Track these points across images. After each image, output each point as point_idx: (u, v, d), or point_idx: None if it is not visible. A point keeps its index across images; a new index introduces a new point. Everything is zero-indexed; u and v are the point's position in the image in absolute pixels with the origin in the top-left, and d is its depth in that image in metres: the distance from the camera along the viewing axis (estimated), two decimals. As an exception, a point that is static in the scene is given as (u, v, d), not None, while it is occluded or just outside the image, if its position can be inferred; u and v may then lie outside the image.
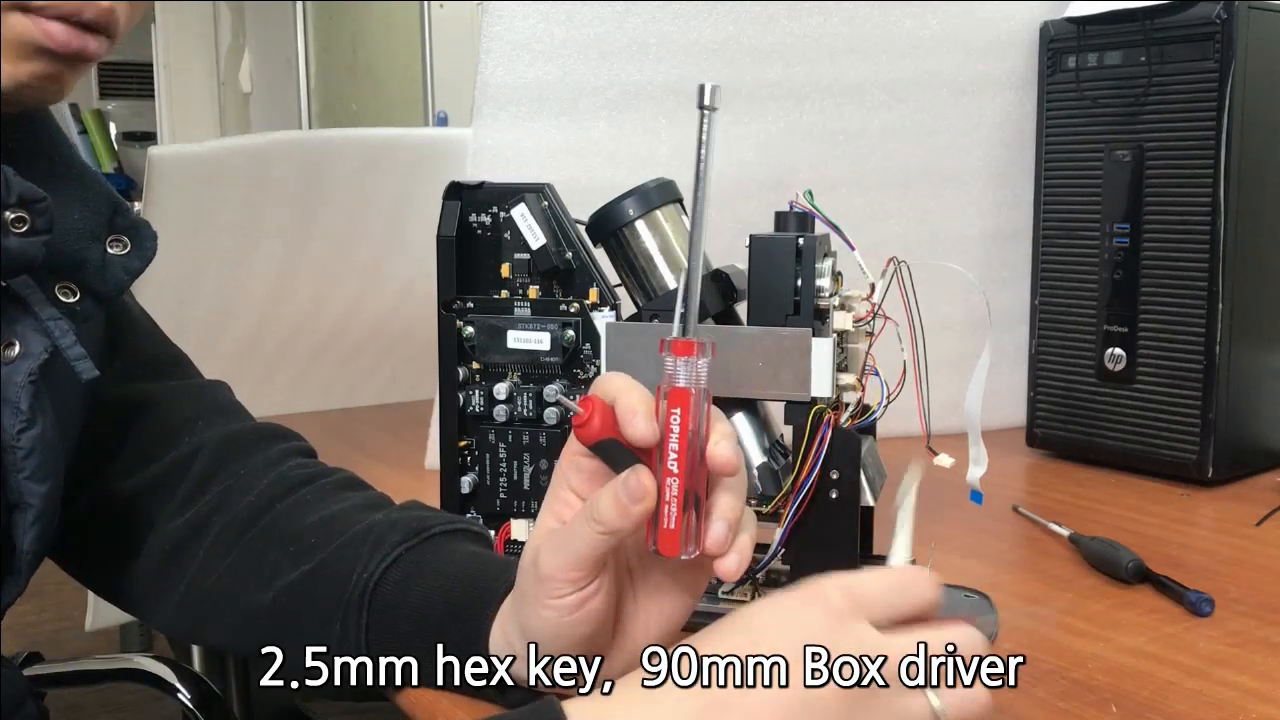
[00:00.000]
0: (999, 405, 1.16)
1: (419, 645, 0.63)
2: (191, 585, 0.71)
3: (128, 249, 0.68)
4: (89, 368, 0.63)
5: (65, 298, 0.64)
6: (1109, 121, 1.09)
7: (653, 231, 0.77)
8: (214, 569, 0.70)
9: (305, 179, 1.17)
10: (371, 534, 0.67)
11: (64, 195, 0.65)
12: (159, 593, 0.73)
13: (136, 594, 0.74)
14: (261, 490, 0.72)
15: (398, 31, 3.46)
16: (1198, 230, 1.03)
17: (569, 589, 0.55)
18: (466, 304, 0.79)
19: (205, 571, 0.70)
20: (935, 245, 1.19)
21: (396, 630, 0.64)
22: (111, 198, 0.68)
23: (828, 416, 0.70)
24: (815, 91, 1.16)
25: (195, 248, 1.17)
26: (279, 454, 0.76)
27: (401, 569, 0.65)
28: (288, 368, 1.35)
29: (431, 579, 0.64)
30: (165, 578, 0.72)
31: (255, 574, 0.69)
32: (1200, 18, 1.01)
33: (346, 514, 0.70)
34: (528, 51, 1.07)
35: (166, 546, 0.72)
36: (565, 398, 0.69)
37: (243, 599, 0.69)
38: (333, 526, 0.69)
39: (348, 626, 0.64)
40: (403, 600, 0.64)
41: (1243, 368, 1.05)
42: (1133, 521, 0.95)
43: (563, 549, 0.55)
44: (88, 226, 0.66)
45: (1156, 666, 0.67)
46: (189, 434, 0.75)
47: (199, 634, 0.76)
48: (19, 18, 0.56)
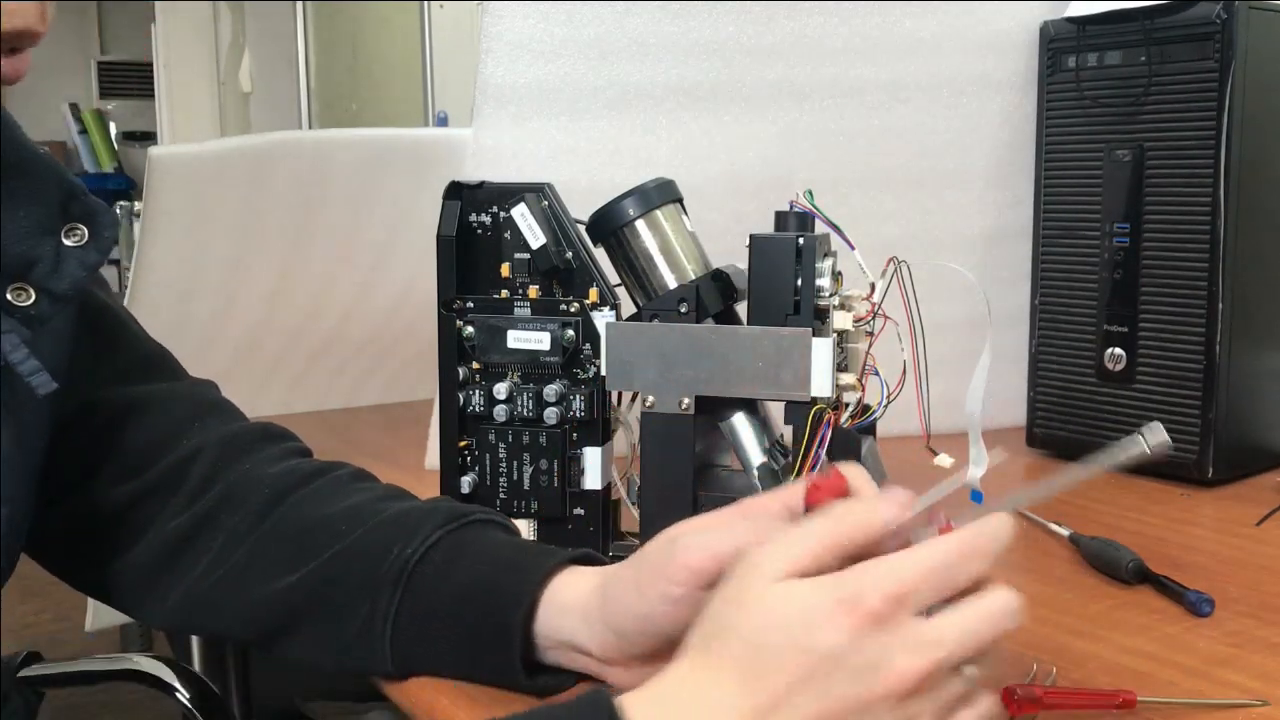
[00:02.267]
0: (999, 405, 1.16)
1: (454, 628, 0.63)
2: (198, 580, 0.70)
3: (85, 239, 0.64)
4: (45, 381, 0.60)
5: (19, 300, 0.61)
6: (1109, 121, 1.09)
7: (653, 231, 0.77)
8: (225, 562, 0.69)
9: (305, 179, 1.17)
10: (409, 518, 0.67)
11: (7, 192, 0.62)
12: (157, 589, 0.71)
13: (131, 591, 0.73)
14: (272, 484, 0.71)
15: (398, 31, 3.46)
16: (1198, 230, 1.03)
17: (690, 580, 0.55)
18: (466, 304, 0.79)
19: (215, 565, 0.69)
20: (935, 245, 1.19)
21: (435, 611, 0.63)
22: (63, 183, 0.65)
23: (828, 416, 0.70)
24: (815, 91, 1.16)
25: (195, 248, 1.17)
26: (281, 452, 0.75)
27: (443, 551, 0.65)
28: (288, 368, 1.35)
29: (475, 561, 0.64)
30: (166, 574, 0.71)
31: (275, 562, 0.68)
32: (1200, 18, 1.01)
33: (372, 503, 0.69)
34: (528, 51, 1.07)
35: (168, 544, 0.71)
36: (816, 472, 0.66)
37: (259, 587, 0.68)
38: (361, 512, 0.68)
39: (378, 603, 0.64)
40: (445, 580, 0.64)
41: (1243, 368, 1.05)
42: (1133, 521, 0.95)
43: (711, 540, 0.56)
44: (37, 221, 0.63)
45: (1156, 666, 0.67)
46: (187, 435, 0.74)
47: (202, 625, 0.75)
48: None
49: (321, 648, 0.66)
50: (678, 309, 0.74)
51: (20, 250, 0.62)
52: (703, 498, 0.75)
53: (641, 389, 0.74)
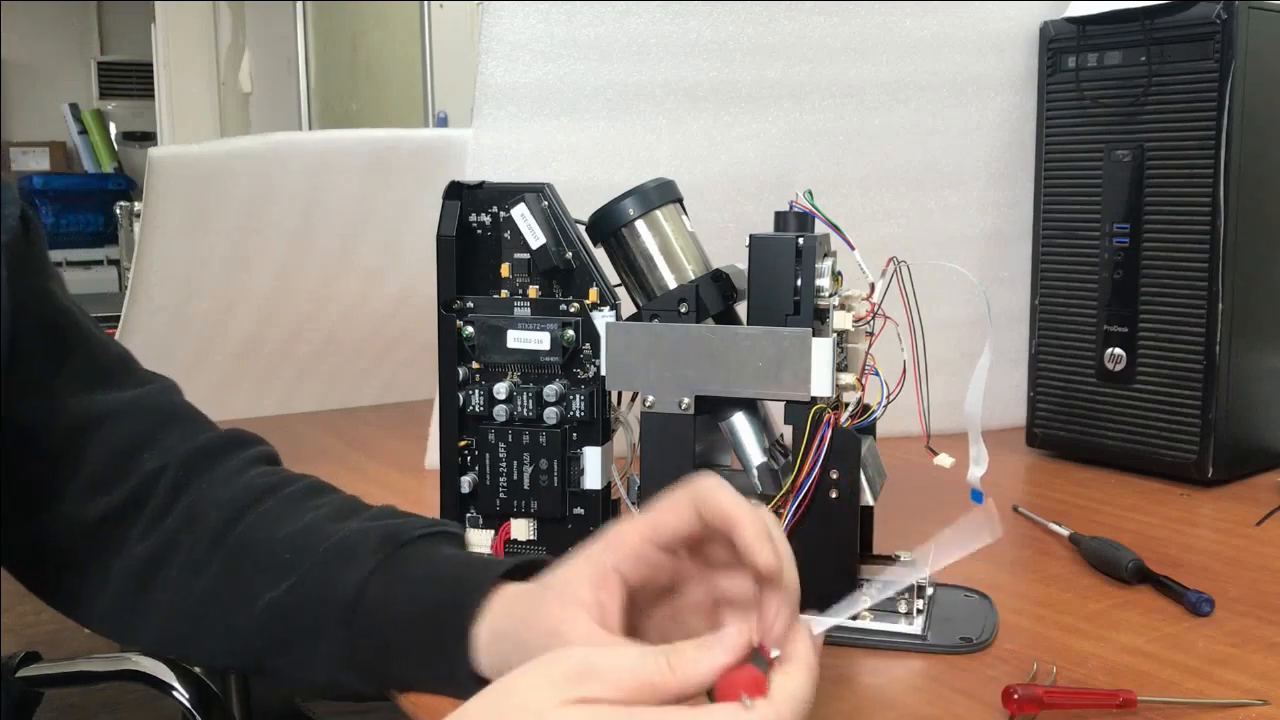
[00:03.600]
0: (999, 405, 1.16)
1: (408, 654, 0.62)
2: (170, 608, 0.69)
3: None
4: None
5: None
6: (1109, 121, 1.09)
7: (652, 231, 0.77)
8: (189, 587, 0.68)
9: (305, 179, 1.17)
10: (345, 546, 0.66)
11: None
12: (135, 618, 0.70)
13: (112, 620, 0.71)
14: (226, 504, 0.70)
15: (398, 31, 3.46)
16: (1198, 230, 1.03)
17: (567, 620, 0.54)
18: (467, 304, 0.79)
19: (180, 592, 0.68)
20: (935, 245, 1.19)
21: (385, 641, 0.63)
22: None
23: (828, 416, 0.70)
24: (815, 91, 1.16)
25: (195, 248, 1.17)
26: (240, 463, 0.73)
27: (379, 582, 0.64)
28: (288, 368, 1.35)
29: (410, 586, 0.63)
30: (139, 602, 0.70)
31: (234, 592, 0.67)
32: (1200, 18, 1.01)
33: (319, 525, 0.68)
34: (528, 51, 1.07)
35: (136, 570, 0.69)
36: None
37: (225, 618, 0.67)
38: (306, 540, 0.67)
39: (334, 643, 0.64)
40: (384, 613, 0.63)
41: (1242, 367, 1.05)
42: (1133, 521, 0.95)
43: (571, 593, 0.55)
44: None
45: (1156, 666, 0.67)
46: (149, 448, 0.72)
47: (185, 654, 0.74)
48: None
49: (300, 674, 0.66)
50: (678, 309, 0.74)
51: None
52: (703, 498, 0.75)
53: (641, 389, 0.74)
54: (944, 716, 0.62)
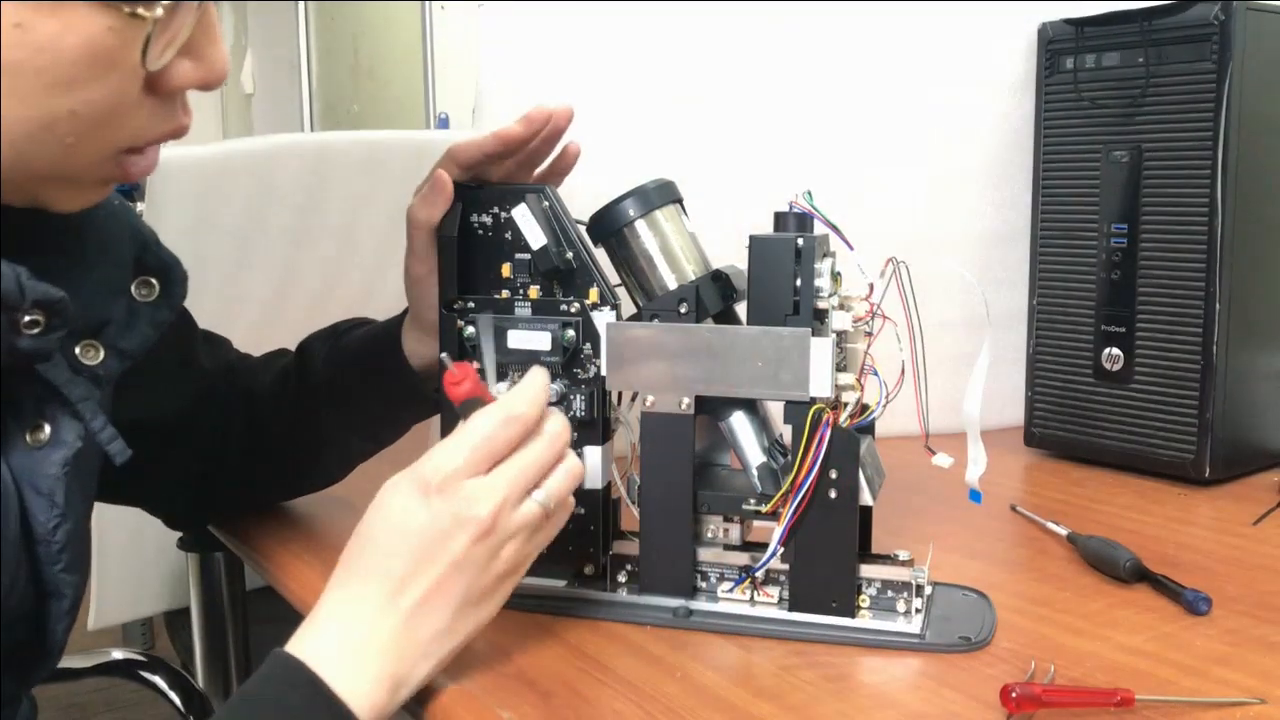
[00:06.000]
0: (997, 405, 1.17)
1: (366, 372, 0.86)
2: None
3: (155, 293, 0.65)
4: (121, 449, 0.59)
5: (88, 359, 0.61)
6: (1107, 122, 1.09)
7: (653, 231, 0.77)
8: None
9: (307, 181, 1.17)
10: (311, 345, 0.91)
11: (82, 255, 0.61)
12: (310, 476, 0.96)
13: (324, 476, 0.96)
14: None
15: (399, 32, 3.46)
16: (1195, 230, 1.03)
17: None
18: (467, 304, 0.79)
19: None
20: (935, 245, 1.19)
21: (349, 365, 0.86)
22: (137, 236, 0.65)
23: (827, 416, 0.70)
24: (815, 92, 1.17)
25: (197, 249, 1.16)
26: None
27: (332, 348, 0.88)
28: (289, 368, 1.35)
29: (353, 340, 0.88)
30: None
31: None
32: (1198, 19, 1.02)
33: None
34: (528, 52, 1.07)
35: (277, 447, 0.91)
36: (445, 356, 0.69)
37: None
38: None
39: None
40: (342, 355, 0.87)
41: (1240, 367, 1.05)
42: (1130, 520, 0.95)
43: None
44: (110, 281, 0.63)
45: (1154, 665, 0.68)
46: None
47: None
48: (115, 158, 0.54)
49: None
50: (678, 309, 0.74)
51: (94, 311, 0.61)
52: (702, 497, 0.75)
53: (641, 389, 0.75)
54: (942, 715, 0.62)
